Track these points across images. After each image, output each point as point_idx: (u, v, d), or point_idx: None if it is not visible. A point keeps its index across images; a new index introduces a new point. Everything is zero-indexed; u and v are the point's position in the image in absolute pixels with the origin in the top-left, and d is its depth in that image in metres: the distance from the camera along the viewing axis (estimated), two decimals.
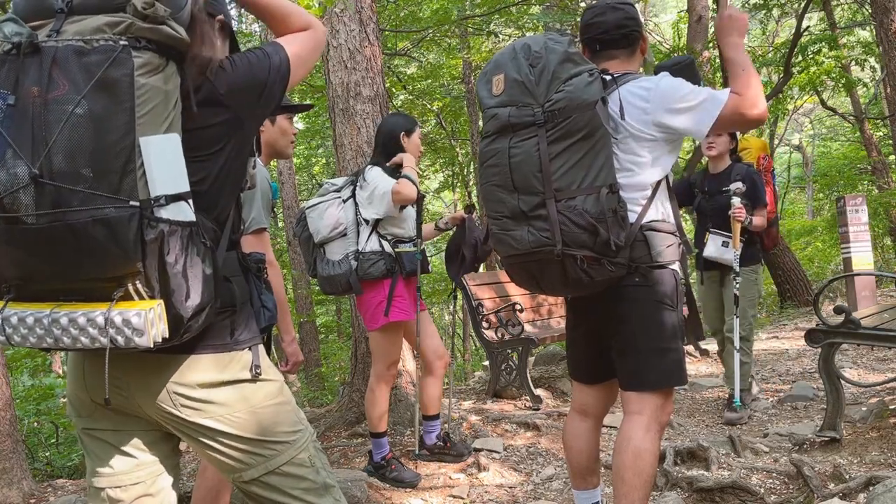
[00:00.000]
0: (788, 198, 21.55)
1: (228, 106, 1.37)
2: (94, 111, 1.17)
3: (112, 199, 1.18)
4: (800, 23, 9.81)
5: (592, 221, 2.03)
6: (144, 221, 1.19)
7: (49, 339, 1.23)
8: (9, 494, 3.55)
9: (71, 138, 1.17)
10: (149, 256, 1.20)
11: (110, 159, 1.18)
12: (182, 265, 1.24)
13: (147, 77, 1.21)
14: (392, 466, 3.43)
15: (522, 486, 3.36)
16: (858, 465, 3.18)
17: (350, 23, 4.61)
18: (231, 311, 1.42)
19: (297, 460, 1.49)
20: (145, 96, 1.20)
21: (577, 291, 2.26)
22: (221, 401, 1.40)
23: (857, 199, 8.13)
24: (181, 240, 1.24)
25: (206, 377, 1.39)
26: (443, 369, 3.69)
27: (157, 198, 1.21)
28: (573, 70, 2.05)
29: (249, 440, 1.43)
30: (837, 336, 3.43)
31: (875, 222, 11.73)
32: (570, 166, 2.05)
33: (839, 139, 19.53)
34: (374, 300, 3.43)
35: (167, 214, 1.22)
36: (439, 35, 10.53)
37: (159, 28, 1.23)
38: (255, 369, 1.44)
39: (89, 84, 1.17)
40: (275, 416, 1.47)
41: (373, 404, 3.50)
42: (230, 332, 1.42)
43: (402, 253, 3.41)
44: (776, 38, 14.90)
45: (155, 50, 1.23)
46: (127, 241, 1.18)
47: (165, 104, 1.24)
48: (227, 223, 1.43)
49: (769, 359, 6.55)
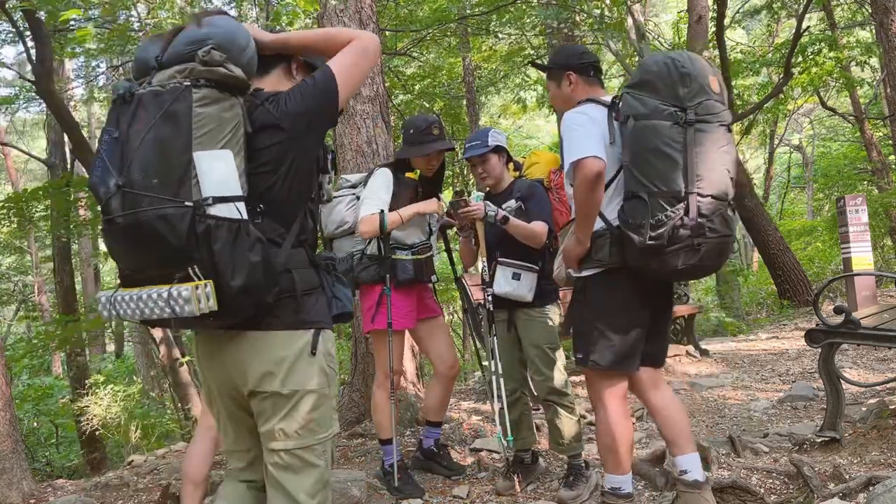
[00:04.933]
0: (788, 198, 21.56)
1: (284, 129, 1.70)
2: (159, 135, 1.54)
3: (171, 201, 1.52)
4: (800, 23, 9.81)
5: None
6: (196, 217, 1.52)
7: (138, 312, 1.58)
8: (9, 494, 3.55)
9: (143, 156, 1.54)
10: (200, 244, 1.53)
11: (171, 171, 1.54)
12: (228, 253, 1.55)
13: (204, 107, 1.56)
14: (399, 476, 3.36)
15: (523, 487, 3.36)
16: (858, 465, 3.18)
17: (350, 23, 4.61)
18: (292, 296, 1.72)
19: (317, 450, 1.75)
20: (202, 121, 1.56)
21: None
22: (281, 371, 1.70)
23: (857, 199, 8.12)
24: (228, 232, 1.55)
25: (271, 350, 1.70)
26: (448, 377, 3.58)
27: (206, 199, 1.54)
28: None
29: (294, 414, 1.71)
30: (837, 336, 3.43)
31: (875, 222, 11.72)
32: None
33: (839, 139, 19.52)
34: (366, 304, 3.41)
35: (215, 212, 1.54)
36: (439, 35, 10.54)
37: (215, 69, 1.58)
38: (313, 349, 1.73)
39: (157, 115, 1.55)
40: (317, 402, 1.74)
41: (374, 411, 3.49)
42: (294, 313, 1.72)
43: (396, 261, 3.33)
44: (776, 38, 14.91)
45: (213, 86, 1.58)
46: (182, 232, 1.52)
47: (221, 128, 1.59)
48: (295, 225, 1.76)
49: (769, 359, 6.56)
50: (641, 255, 2.35)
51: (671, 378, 5.92)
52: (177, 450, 5.08)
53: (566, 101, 2.69)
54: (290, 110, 1.71)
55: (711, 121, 2.36)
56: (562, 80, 2.71)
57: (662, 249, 2.32)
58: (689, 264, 2.36)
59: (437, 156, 3.42)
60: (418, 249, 3.41)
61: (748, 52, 13.53)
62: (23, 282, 16.76)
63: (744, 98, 12.02)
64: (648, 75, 2.39)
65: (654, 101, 2.34)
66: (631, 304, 2.51)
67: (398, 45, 11.03)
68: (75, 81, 13.26)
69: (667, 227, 2.29)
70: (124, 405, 9.67)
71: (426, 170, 3.42)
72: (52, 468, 9.57)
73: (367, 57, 1.83)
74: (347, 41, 1.82)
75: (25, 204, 8.80)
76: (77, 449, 10.08)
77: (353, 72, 1.80)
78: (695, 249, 2.33)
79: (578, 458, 3.28)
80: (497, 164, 3.34)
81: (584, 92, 2.67)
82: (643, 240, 2.31)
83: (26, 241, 14.46)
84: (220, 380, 1.79)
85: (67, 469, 9.66)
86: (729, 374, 5.96)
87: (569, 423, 3.25)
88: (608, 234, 2.46)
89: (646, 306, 2.55)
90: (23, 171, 20.68)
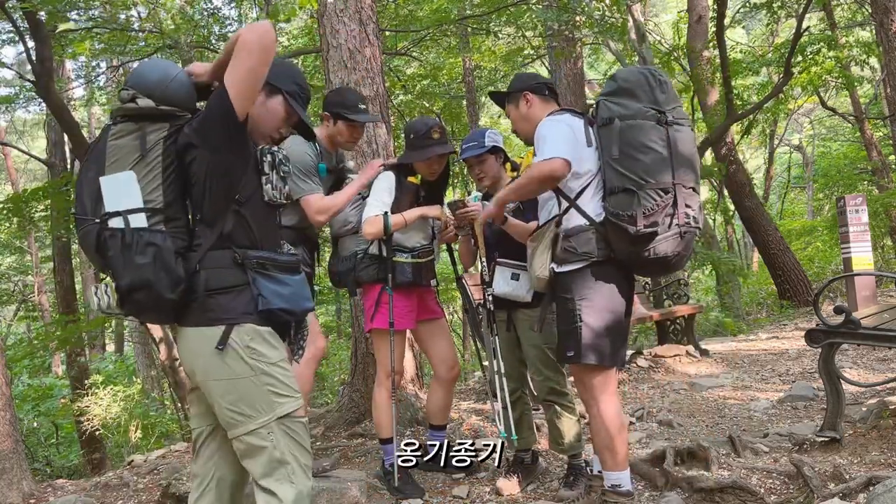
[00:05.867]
0: (788, 198, 21.55)
1: (195, 144, 1.93)
2: (89, 169, 1.97)
3: (89, 219, 1.92)
4: (800, 23, 9.81)
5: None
6: (101, 230, 1.89)
7: (101, 304, 1.94)
8: (9, 494, 3.55)
9: (87, 190, 1.95)
10: (102, 251, 1.89)
11: (91, 195, 1.93)
12: (117, 257, 1.86)
13: (116, 140, 1.94)
14: (399, 476, 3.34)
15: (522, 487, 3.36)
16: (858, 465, 3.18)
17: (350, 23, 4.60)
18: (197, 295, 1.91)
19: (261, 433, 1.93)
20: (111, 152, 1.93)
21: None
22: (203, 365, 1.94)
23: (858, 199, 8.12)
24: (119, 240, 1.86)
25: (193, 345, 1.95)
26: (449, 378, 3.57)
27: (106, 213, 1.88)
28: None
29: (220, 402, 1.94)
30: (837, 336, 3.43)
31: (875, 222, 11.73)
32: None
33: (839, 139, 19.52)
34: (367, 304, 3.42)
35: (112, 224, 1.87)
36: (439, 35, 10.53)
37: (125, 106, 1.95)
38: (220, 345, 1.90)
39: (92, 154, 1.99)
40: (235, 389, 1.92)
41: (375, 410, 3.49)
42: (202, 311, 1.92)
43: (396, 263, 3.34)
44: (776, 38, 14.91)
45: (128, 120, 1.95)
46: (91, 243, 1.92)
47: (131, 153, 1.92)
48: (216, 228, 1.94)
49: (769, 359, 6.56)
50: (633, 243, 2.50)
51: (671, 378, 5.92)
52: (177, 450, 5.08)
53: (527, 120, 2.92)
54: (195, 127, 1.94)
55: (684, 124, 2.59)
56: (520, 101, 2.95)
57: (654, 237, 2.48)
58: (676, 252, 2.54)
59: (439, 160, 3.41)
60: (419, 253, 3.41)
61: (748, 52, 13.53)
62: (23, 282, 16.76)
63: (744, 98, 12.01)
64: (627, 84, 2.58)
65: (635, 104, 2.54)
66: (616, 297, 2.63)
67: (398, 45, 11.03)
68: (75, 81, 13.26)
69: (658, 215, 2.47)
70: (124, 405, 9.67)
71: (428, 174, 3.42)
72: (52, 468, 9.57)
73: (252, 52, 1.86)
74: (234, 46, 1.90)
75: (25, 204, 8.80)
76: (77, 449, 10.07)
77: (241, 75, 1.87)
78: (680, 237, 2.53)
79: (578, 458, 3.28)
80: (494, 164, 3.35)
81: (542, 109, 2.89)
82: (638, 228, 2.46)
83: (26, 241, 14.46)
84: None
85: (67, 469, 9.66)
86: (729, 374, 5.95)
87: (569, 423, 3.25)
88: (592, 228, 2.60)
89: (626, 301, 2.70)
90: (23, 171, 20.68)
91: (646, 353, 6.61)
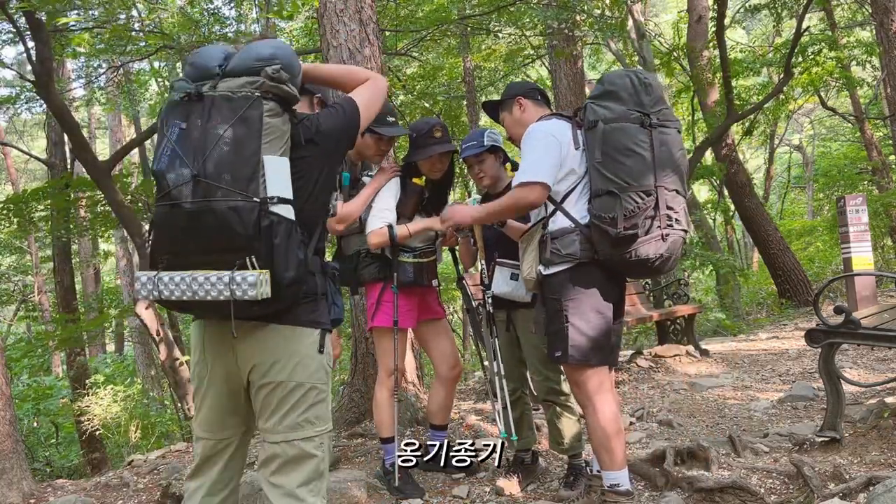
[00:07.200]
0: (789, 198, 21.55)
1: (318, 144, 1.93)
2: (236, 136, 1.75)
3: (242, 195, 1.72)
4: (800, 23, 9.81)
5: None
6: (262, 212, 1.72)
7: (188, 293, 1.73)
8: (9, 494, 3.55)
9: (219, 152, 1.74)
10: (263, 237, 1.72)
11: (243, 168, 1.74)
12: (284, 248, 1.76)
13: (271, 118, 1.79)
14: (399, 476, 3.35)
15: (523, 486, 3.36)
16: (858, 465, 3.18)
17: (350, 23, 4.61)
18: (313, 297, 1.92)
19: (315, 441, 1.92)
20: (269, 130, 1.78)
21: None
22: (296, 365, 1.89)
23: (858, 199, 8.12)
24: (285, 229, 1.76)
25: (292, 345, 1.89)
26: (450, 378, 3.56)
27: (271, 197, 1.74)
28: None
29: (298, 406, 1.90)
30: (837, 336, 3.43)
31: (875, 222, 11.73)
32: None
33: (839, 139, 19.52)
34: (369, 302, 3.43)
35: (277, 210, 1.75)
36: (439, 35, 10.53)
37: (281, 86, 1.81)
38: (321, 348, 1.93)
39: (233, 118, 1.75)
40: (318, 397, 1.93)
41: (376, 409, 3.49)
42: (311, 312, 1.92)
43: (398, 262, 3.35)
44: (776, 38, 14.90)
45: (276, 101, 1.81)
46: (249, 223, 1.71)
47: (281, 137, 1.81)
48: (315, 234, 1.96)
49: (769, 359, 6.56)
50: (614, 245, 2.53)
51: (671, 378, 5.92)
52: (177, 450, 5.08)
53: (521, 125, 2.93)
54: (323, 129, 1.95)
55: (670, 126, 2.61)
56: (513, 107, 3.00)
57: (635, 239, 2.51)
58: (659, 254, 2.56)
59: (441, 158, 3.41)
60: (420, 253, 3.42)
61: (748, 52, 13.53)
62: (23, 282, 16.76)
63: (744, 98, 12.01)
64: (613, 87, 2.61)
65: (620, 107, 2.58)
66: (602, 298, 2.66)
67: (398, 45, 11.03)
68: (75, 81, 13.26)
69: (638, 218, 2.50)
70: (124, 405, 9.67)
71: (431, 173, 3.42)
72: (52, 468, 9.56)
73: (380, 97, 2.14)
74: (365, 79, 2.13)
75: (25, 204, 8.81)
76: (77, 449, 10.07)
77: (370, 105, 2.09)
78: (662, 239, 2.55)
79: (578, 458, 3.29)
80: (493, 164, 3.35)
81: (535, 113, 2.93)
82: (618, 231, 2.49)
83: (26, 241, 14.45)
84: (227, 369, 1.94)
85: (67, 469, 9.66)
86: (729, 374, 5.95)
87: (568, 423, 3.25)
88: (577, 230, 2.63)
89: (615, 302, 2.73)
90: (23, 171, 20.69)
91: (646, 353, 6.61)
